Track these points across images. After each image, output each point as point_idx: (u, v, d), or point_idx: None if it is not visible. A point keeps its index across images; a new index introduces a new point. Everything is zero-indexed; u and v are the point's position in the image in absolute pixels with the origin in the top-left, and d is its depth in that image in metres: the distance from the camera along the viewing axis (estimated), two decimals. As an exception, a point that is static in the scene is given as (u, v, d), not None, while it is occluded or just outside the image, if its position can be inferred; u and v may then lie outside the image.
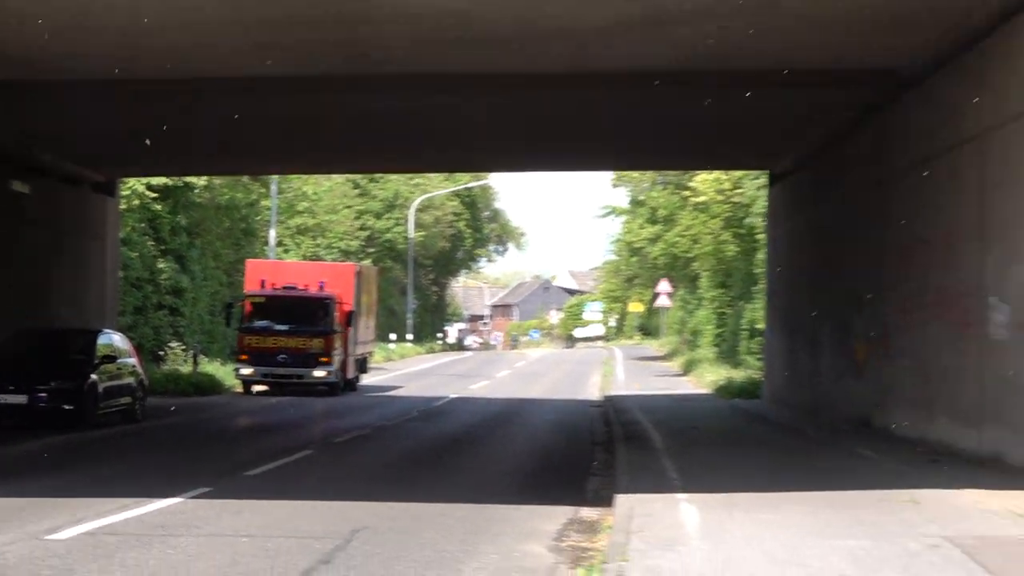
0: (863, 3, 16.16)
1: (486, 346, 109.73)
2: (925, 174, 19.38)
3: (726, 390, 36.92)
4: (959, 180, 17.92)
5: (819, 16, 16.97)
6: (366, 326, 41.95)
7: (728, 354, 47.85)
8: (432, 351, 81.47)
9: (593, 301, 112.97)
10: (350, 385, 38.97)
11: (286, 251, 58.59)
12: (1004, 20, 15.98)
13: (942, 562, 9.49)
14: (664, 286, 63.60)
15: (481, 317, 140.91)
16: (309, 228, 65.05)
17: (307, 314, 36.76)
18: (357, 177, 71.44)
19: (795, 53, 19.15)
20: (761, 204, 38.73)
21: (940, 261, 18.63)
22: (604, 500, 13.70)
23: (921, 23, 17.19)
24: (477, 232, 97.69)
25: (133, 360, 26.41)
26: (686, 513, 12.07)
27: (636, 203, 64.41)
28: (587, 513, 13.34)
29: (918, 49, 18.55)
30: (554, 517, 13.03)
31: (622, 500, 12.97)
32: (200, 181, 42.55)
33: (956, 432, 17.72)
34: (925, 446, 18.33)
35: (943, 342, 18.43)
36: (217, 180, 43.78)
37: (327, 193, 67.15)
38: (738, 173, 42.97)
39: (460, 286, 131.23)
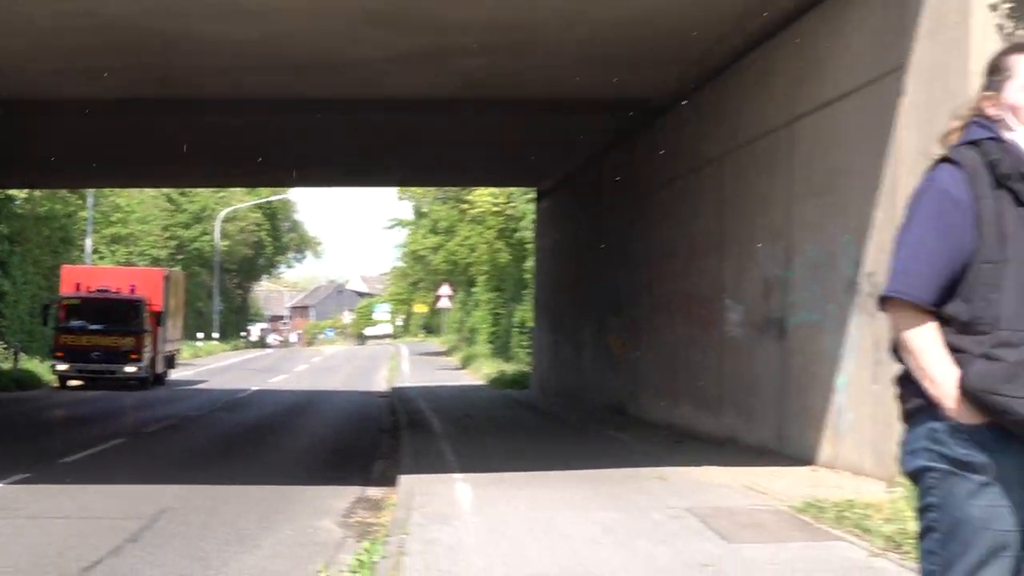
0: (618, 44, 16.48)
1: (286, 343, 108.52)
2: (673, 191, 19.85)
3: (499, 381, 37.23)
4: (701, 197, 18.39)
5: (580, 53, 17.23)
6: (174, 326, 41.35)
7: (502, 350, 48.14)
8: (236, 348, 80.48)
9: (382, 303, 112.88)
10: (159, 380, 38.24)
11: (101, 258, 57.18)
12: (736, 60, 16.48)
13: (682, 529, 9.73)
14: (445, 289, 63.71)
15: (281, 317, 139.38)
16: (123, 237, 63.85)
17: (119, 315, 36.03)
18: (169, 191, 70.44)
19: (560, 84, 19.32)
20: (530, 217, 39.13)
21: (686, 268, 19.05)
22: (389, 480, 13.69)
23: (669, 61, 17.61)
24: (277, 241, 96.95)
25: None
26: (461, 491, 12.13)
27: (420, 215, 64.62)
28: (373, 492, 13.32)
29: (667, 82, 18.94)
30: (344, 496, 12.98)
31: (404, 480, 12.99)
32: (21, 193, 41.62)
33: (698, 417, 18.18)
34: (671, 429, 18.72)
35: (688, 339, 18.89)
36: (37, 192, 42.77)
37: (139, 205, 66.11)
38: (511, 189, 43.25)
39: (262, 289, 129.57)
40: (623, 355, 23.51)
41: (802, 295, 14.20)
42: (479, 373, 43.49)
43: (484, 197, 45.90)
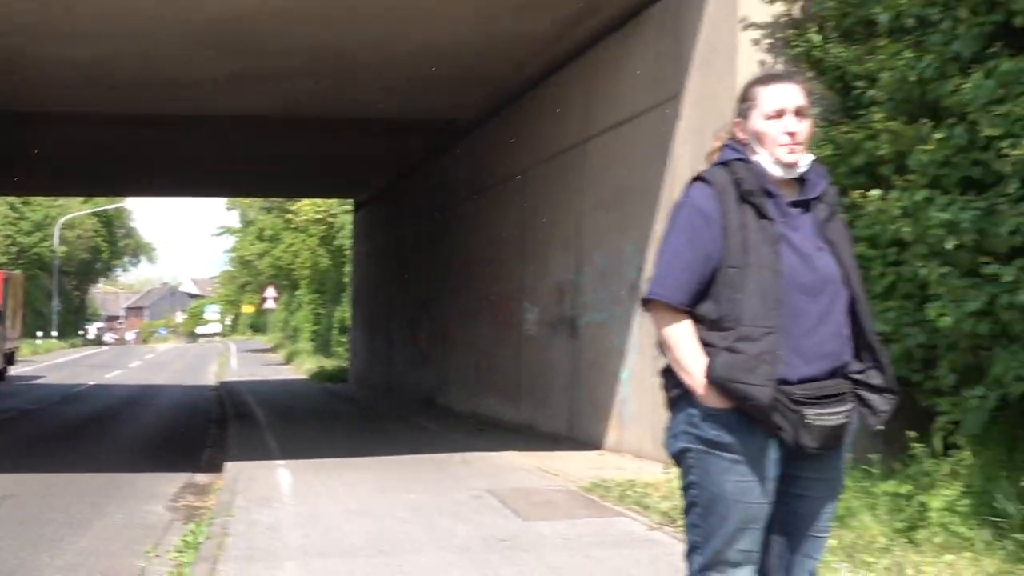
0: (428, 70, 16.49)
1: (121, 341, 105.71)
2: (479, 203, 19.91)
3: (320, 376, 36.88)
4: (504, 209, 18.47)
5: (395, 78, 17.22)
6: (13, 325, 39.85)
7: (323, 347, 47.73)
8: (75, 346, 77.95)
9: (212, 304, 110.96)
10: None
11: (-56, 263, 55.39)
12: (534, 85, 16.62)
13: (482, 508, 9.74)
14: (271, 292, 62.79)
15: (117, 317, 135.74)
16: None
17: (-40, 314, 34.92)
18: (13, 199, 68.51)
19: (377, 105, 19.31)
20: (349, 227, 38.94)
21: (491, 273, 19.12)
22: (216, 467, 13.41)
23: (474, 85, 17.71)
24: (113, 246, 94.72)
25: None
26: (282, 477, 11.96)
27: (247, 223, 63.78)
28: (201, 478, 13.03)
29: (472, 104, 19.06)
30: (174, 482, 12.66)
31: (230, 467, 12.76)
32: None
33: (499, 407, 18.25)
34: (476, 419, 18.76)
35: (491, 337, 18.96)
36: None
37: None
38: (331, 200, 42.98)
39: (99, 291, 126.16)
40: (431, 351, 23.52)
41: (591, 298, 14.35)
42: (301, 368, 43.02)
43: (307, 207, 45.60)
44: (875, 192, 8.56)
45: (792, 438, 3.68)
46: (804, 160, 3.92)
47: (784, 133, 3.88)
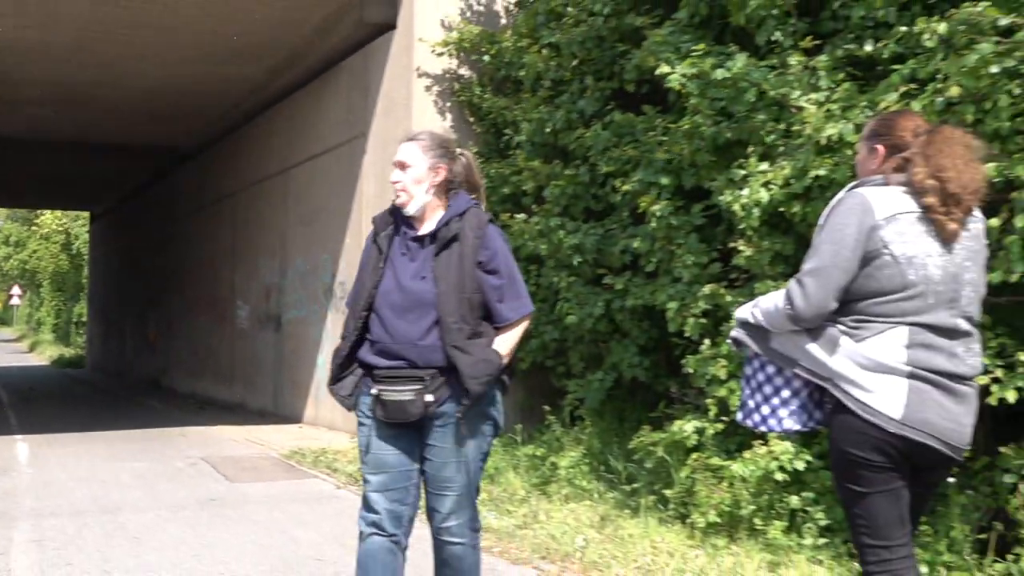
0: (156, 104, 15.88)
1: None
2: (201, 216, 19.22)
3: (60, 362, 34.64)
4: (221, 222, 17.84)
5: (127, 109, 16.41)
6: None
7: (63, 338, 44.91)
8: None
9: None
10: None
11: None
12: (248, 120, 16.17)
13: (197, 473, 9.34)
14: (16, 290, 58.64)
15: None
16: None
17: None
18: None
19: (112, 131, 18.40)
20: (85, 237, 36.93)
21: (209, 276, 18.42)
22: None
23: (195, 119, 17.08)
24: None
25: None
26: (20, 449, 11.08)
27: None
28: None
29: (194, 134, 18.39)
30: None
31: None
32: None
33: (216, 388, 17.64)
34: (195, 398, 18.09)
35: (209, 330, 18.29)
36: None
37: None
38: (72, 212, 40.64)
39: None
40: (157, 341, 22.56)
41: (293, 297, 14.07)
42: (44, 356, 40.25)
43: (48, 219, 43.08)
44: (520, 216, 8.71)
45: (370, 408, 3.90)
46: (411, 204, 3.92)
47: (391, 181, 3.99)
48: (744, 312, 3.53)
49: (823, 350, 3.29)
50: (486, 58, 9.76)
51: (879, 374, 3.20)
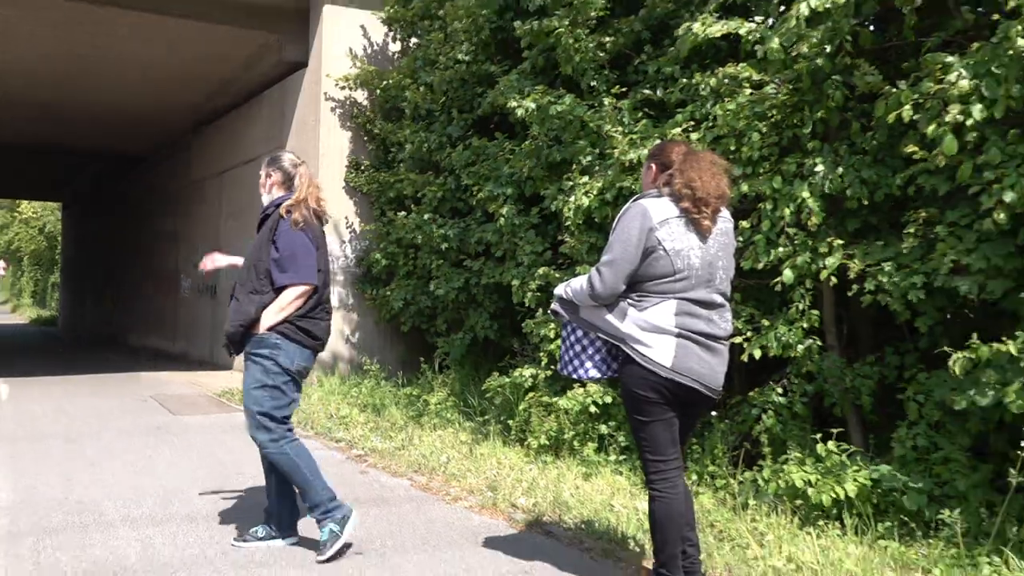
0: (113, 119, 15.05)
1: None
2: (150, 205, 18.33)
3: (37, 322, 32.73)
4: (166, 212, 17.04)
5: (91, 123, 15.50)
6: None
7: (41, 302, 42.36)
8: None
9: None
10: None
11: None
12: (190, 132, 15.46)
13: (146, 408, 8.88)
14: (1, 263, 55.01)
15: None
16: None
17: None
18: None
19: (79, 140, 17.43)
20: (57, 224, 34.86)
21: (158, 254, 17.57)
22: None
23: (146, 131, 16.27)
24: None
25: None
26: (1, 389, 10.45)
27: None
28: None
29: (146, 143, 17.51)
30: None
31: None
32: None
33: (164, 344, 16.86)
34: (147, 352, 17.26)
35: (159, 298, 17.42)
36: None
37: None
38: (49, 203, 38.16)
39: None
40: (114, 306, 21.51)
41: (224, 273, 13.54)
42: (24, 316, 38.07)
43: (29, 207, 40.52)
44: (402, 214, 8.60)
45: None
46: (265, 198, 4.15)
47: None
48: (560, 290, 3.53)
49: (616, 318, 3.33)
50: (378, 91, 9.57)
51: (655, 334, 3.26)
